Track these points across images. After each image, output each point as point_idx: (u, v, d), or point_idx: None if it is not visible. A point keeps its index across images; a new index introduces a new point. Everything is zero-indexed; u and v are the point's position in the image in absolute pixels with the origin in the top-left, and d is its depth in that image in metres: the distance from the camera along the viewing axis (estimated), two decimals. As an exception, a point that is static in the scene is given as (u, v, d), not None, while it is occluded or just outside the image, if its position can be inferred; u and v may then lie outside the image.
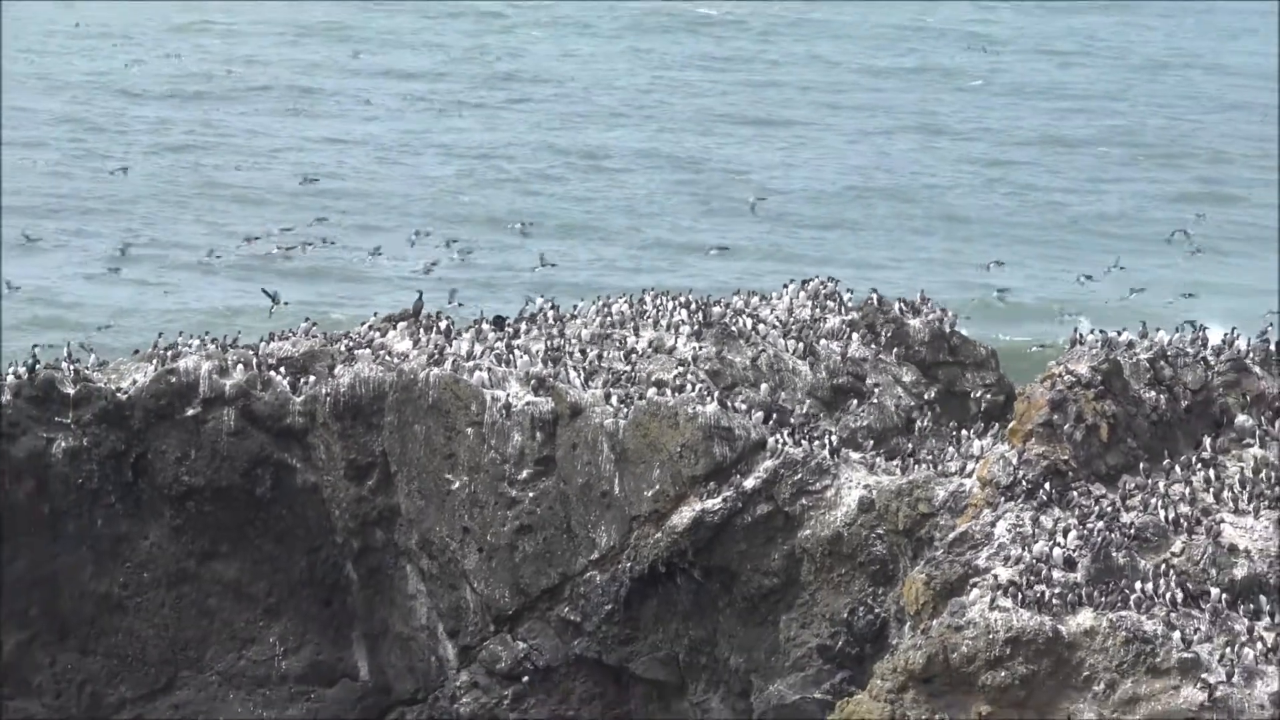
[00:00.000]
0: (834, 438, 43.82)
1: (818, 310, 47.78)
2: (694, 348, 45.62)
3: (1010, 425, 41.88)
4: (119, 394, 45.30)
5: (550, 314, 47.78)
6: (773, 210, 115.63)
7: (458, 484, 44.23)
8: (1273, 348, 43.95)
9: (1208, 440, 41.55)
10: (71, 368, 46.08)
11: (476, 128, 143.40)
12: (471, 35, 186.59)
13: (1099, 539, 37.78)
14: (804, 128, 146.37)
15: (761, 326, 46.89)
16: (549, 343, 45.81)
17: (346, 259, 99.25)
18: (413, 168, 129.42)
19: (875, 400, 46.03)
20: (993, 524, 38.60)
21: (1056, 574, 37.02)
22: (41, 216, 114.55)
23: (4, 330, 74.30)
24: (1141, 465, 40.58)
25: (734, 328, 46.56)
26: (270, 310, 61.15)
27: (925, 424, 45.92)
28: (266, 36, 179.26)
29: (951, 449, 43.68)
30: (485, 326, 47.37)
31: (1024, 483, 39.35)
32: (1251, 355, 43.59)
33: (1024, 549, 37.65)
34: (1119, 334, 43.79)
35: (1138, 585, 37.09)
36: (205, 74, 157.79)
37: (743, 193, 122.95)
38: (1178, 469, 40.54)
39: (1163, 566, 37.72)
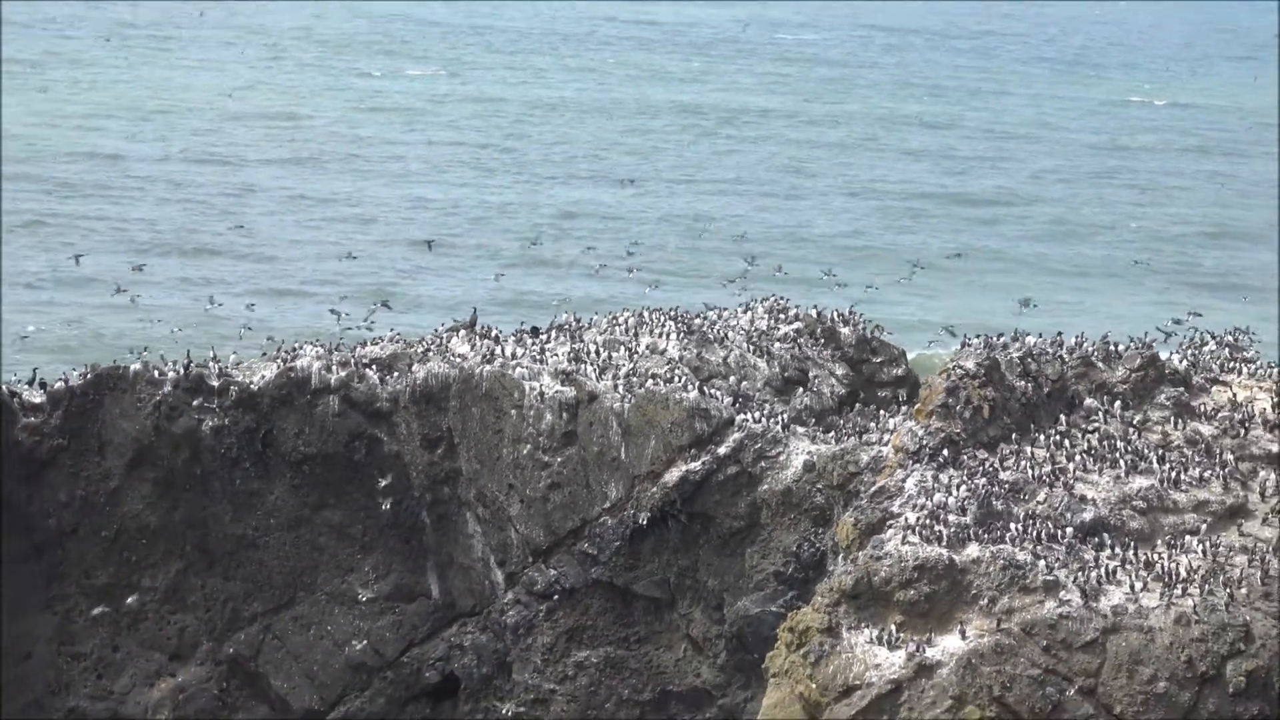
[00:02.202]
0: (784, 417, 44.04)
1: (772, 321, 47.88)
2: (680, 350, 45.80)
3: (916, 406, 42.07)
4: (251, 385, 45.53)
5: (573, 325, 47.93)
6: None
7: (504, 452, 44.39)
8: (1111, 348, 44.15)
9: (1063, 417, 41.76)
10: (216, 365, 46.34)
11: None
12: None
13: (982, 491, 38.03)
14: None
15: (730, 334, 47.02)
16: (572, 346, 45.96)
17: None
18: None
19: (815, 389, 46.16)
20: (903, 480, 38.84)
21: (951, 517, 37.24)
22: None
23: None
24: (1014, 436, 40.80)
25: (710, 335, 46.77)
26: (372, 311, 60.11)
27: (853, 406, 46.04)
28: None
29: (873, 424, 43.80)
30: (524, 334, 47.63)
31: (926, 449, 39.63)
32: (1095, 353, 43.81)
33: (927, 499, 37.89)
34: (998, 338, 44.03)
35: (1012, 526, 37.38)
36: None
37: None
38: (1041, 439, 40.78)
39: (1030, 512, 38.01)
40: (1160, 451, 40.33)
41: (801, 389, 45.95)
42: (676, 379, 44.30)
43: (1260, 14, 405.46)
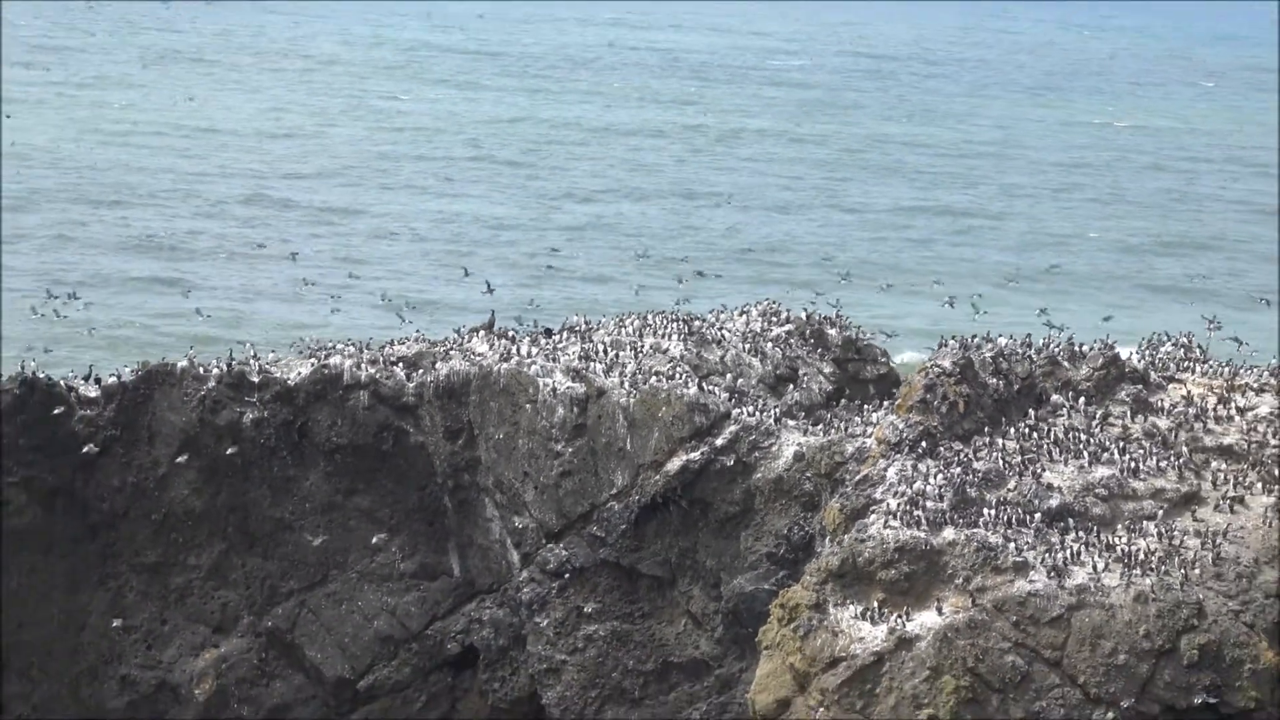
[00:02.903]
0: (776, 411, 44.03)
1: (765, 324, 47.88)
2: (681, 349, 45.83)
3: (897, 402, 42.10)
4: (288, 381, 45.59)
5: (583, 326, 47.96)
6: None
7: (520, 442, 44.39)
8: (1075, 348, 44.18)
9: (1032, 412, 41.78)
10: (256, 363, 46.40)
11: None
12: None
13: (958, 479, 38.07)
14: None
15: (727, 335, 47.03)
16: (582, 346, 45.96)
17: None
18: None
19: (804, 385, 46.17)
20: (885, 470, 38.85)
21: (929, 503, 37.30)
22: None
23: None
24: (986, 429, 40.80)
25: (708, 336, 46.79)
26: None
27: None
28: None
29: (857, 418, 43.84)
30: (538, 335, 47.67)
31: (906, 441, 39.63)
32: (1060, 353, 43.83)
33: (907, 486, 37.91)
34: (972, 339, 44.05)
35: (985, 511, 37.41)
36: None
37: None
38: (1011, 431, 40.79)
39: (1002, 498, 38.05)
40: (1120, 443, 40.31)
41: (792, 386, 45.98)
42: (677, 376, 44.31)
43: (1213, 43, 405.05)
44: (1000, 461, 39.20)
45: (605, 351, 45.58)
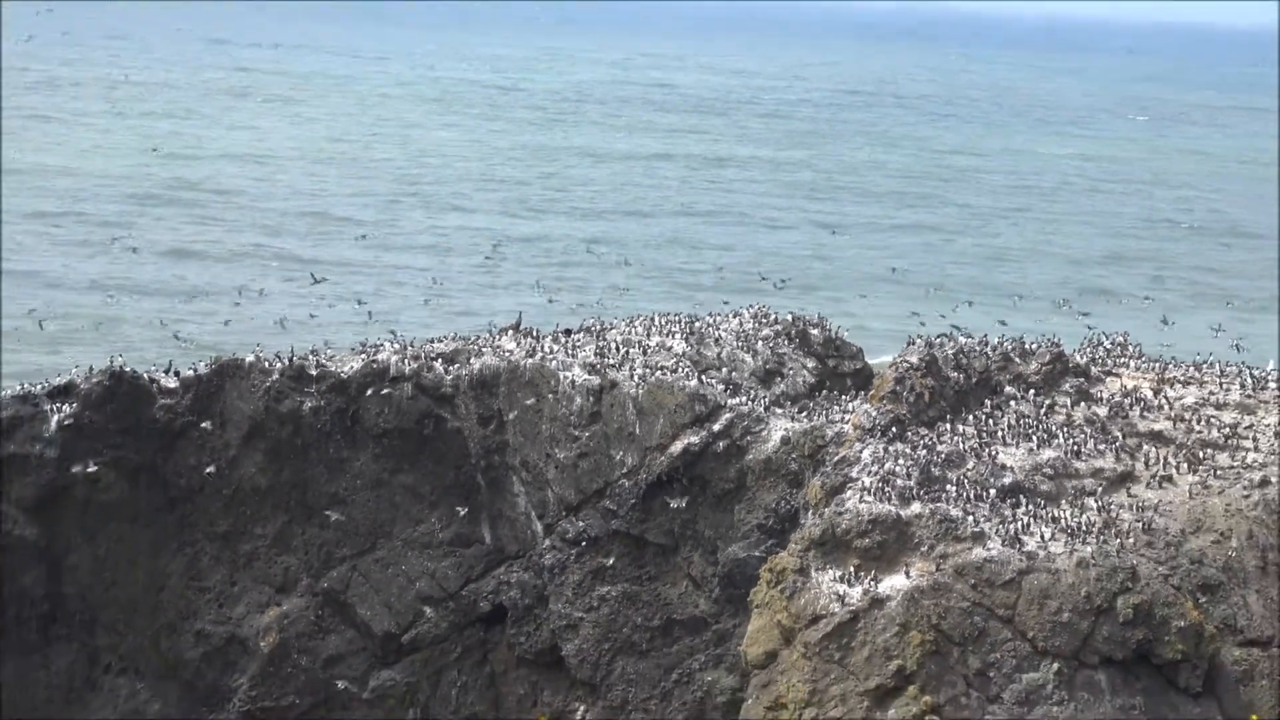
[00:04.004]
0: (766, 401, 44.02)
1: (756, 325, 47.80)
2: (683, 347, 45.78)
3: (870, 393, 42.11)
4: (342, 374, 45.54)
5: (598, 327, 47.90)
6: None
7: (543, 428, 44.33)
8: (1025, 346, 44.15)
9: (988, 401, 41.79)
10: (314, 358, 46.38)
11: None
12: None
13: (923, 460, 37.99)
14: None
15: (723, 334, 46.96)
16: (597, 344, 45.92)
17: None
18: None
19: (790, 378, 46.08)
20: (861, 452, 38.75)
21: (898, 481, 37.20)
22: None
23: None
24: (948, 416, 40.78)
25: (707, 335, 46.74)
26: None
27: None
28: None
29: (836, 407, 43.80)
30: (559, 334, 47.62)
31: (879, 427, 39.54)
32: (1013, 351, 43.81)
33: (879, 466, 37.80)
34: (937, 338, 44.02)
35: (947, 488, 37.34)
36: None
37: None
38: (970, 419, 40.79)
39: (962, 477, 38.01)
40: (1065, 429, 40.33)
41: (779, 379, 45.88)
42: (680, 370, 44.23)
43: (1143, 82, 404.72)
44: (960, 444, 39.15)
45: (617, 349, 45.53)
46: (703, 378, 44.14)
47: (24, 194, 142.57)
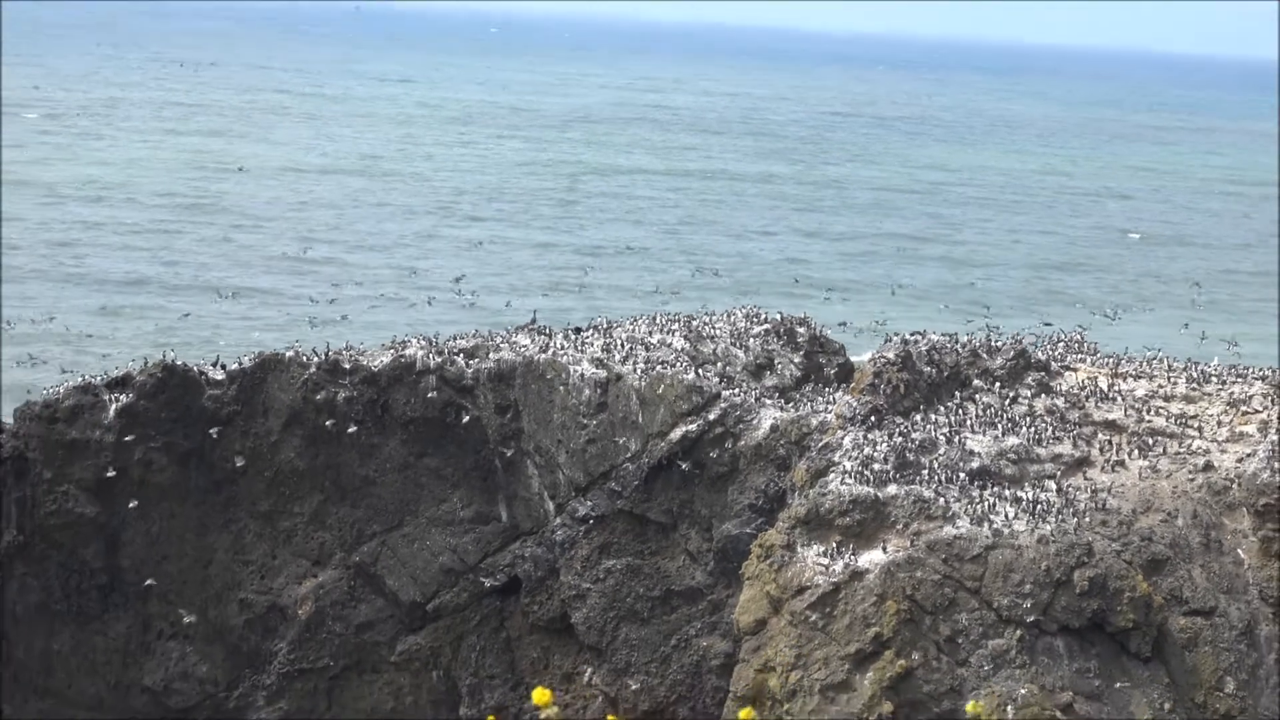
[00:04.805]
0: (757, 392, 44.03)
1: (748, 324, 47.79)
2: (682, 343, 45.78)
3: (851, 385, 42.13)
4: (372, 367, 45.53)
5: (605, 325, 47.89)
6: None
7: (555, 416, 44.33)
8: (991, 343, 44.15)
9: (957, 393, 41.79)
10: (348, 353, 46.36)
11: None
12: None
13: (899, 446, 38.05)
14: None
15: (718, 332, 46.96)
16: (604, 341, 45.90)
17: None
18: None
19: (779, 372, 46.05)
20: (842, 439, 38.81)
21: (876, 465, 37.27)
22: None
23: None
24: (922, 407, 40.80)
25: (703, 333, 46.74)
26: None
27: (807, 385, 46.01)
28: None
29: (820, 398, 43.83)
30: (570, 332, 47.60)
31: (859, 416, 39.58)
32: (980, 347, 43.81)
33: (859, 451, 37.87)
34: (911, 334, 44.03)
35: (921, 472, 37.39)
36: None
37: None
38: (941, 409, 40.79)
39: (934, 461, 38.04)
40: (1027, 418, 40.35)
41: (769, 372, 45.90)
42: (679, 364, 44.24)
43: (1095, 107, 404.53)
44: (932, 432, 39.18)
45: (622, 345, 45.53)
46: (699, 371, 44.14)
47: (79, 202, 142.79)
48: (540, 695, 10.77)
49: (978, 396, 41.74)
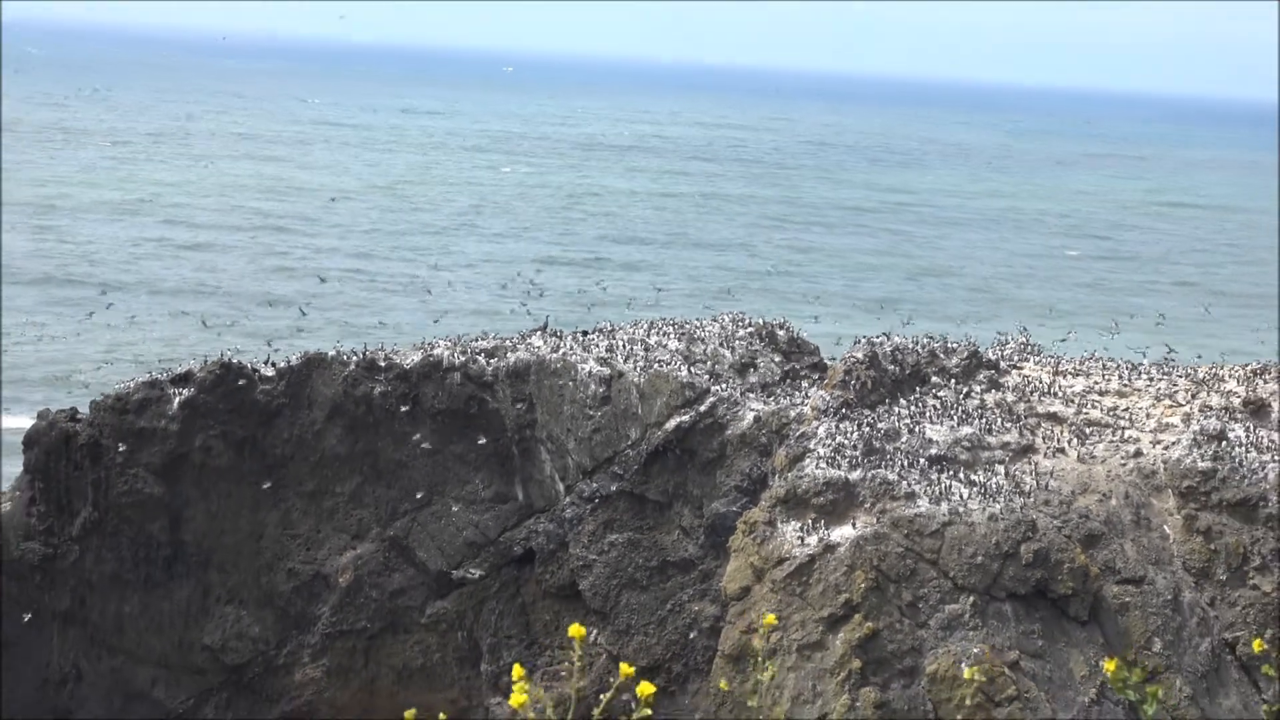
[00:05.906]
0: (741, 388, 43.97)
1: (734, 327, 47.72)
2: (676, 345, 45.75)
3: (825, 381, 42.14)
4: (404, 365, 45.51)
5: (609, 329, 47.84)
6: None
7: (565, 409, 44.30)
8: (948, 345, 44.15)
9: (918, 389, 41.81)
10: (383, 353, 46.33)
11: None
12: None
13: (867, 435, 38.08)
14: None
15: (707, 334, 46.91)
16: (608, 342, 45.91)
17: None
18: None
19: (761, 370, 46.05)
20: (817, 428, 38.85)
21: (847, 452, 37.31)
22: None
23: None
24: (887, 401, 40.85)
25: (695, 335, 46.71)
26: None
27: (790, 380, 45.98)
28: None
29: (797, 393, 43.82)
30: (578, 335, 47.57)
31: (831, 409, 39.61)
32: (938, 349, 43.82)
33: (832, 440, 37.92)
34: (877, 337, 44.01)
35: (886, 457, 37.41)
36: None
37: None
38: (904, 402, 40.82)
39: (897, 448, 38.07)
40: (979, 411, 40.36)
41: (752, 370, 45.91)
42: (674, 363, 44.26)
43: (1037, 138, 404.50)
44: (896, 423, 39.21)
45: (624, 346, 45.51)
46: (692, 369, 44.15)
47: (149, 220, 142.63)
48: (575, 630, 10.68)
49: (936, 392, 41.78)
